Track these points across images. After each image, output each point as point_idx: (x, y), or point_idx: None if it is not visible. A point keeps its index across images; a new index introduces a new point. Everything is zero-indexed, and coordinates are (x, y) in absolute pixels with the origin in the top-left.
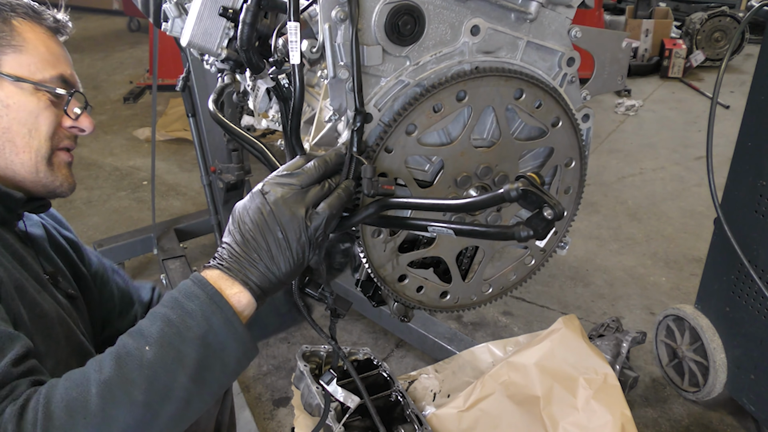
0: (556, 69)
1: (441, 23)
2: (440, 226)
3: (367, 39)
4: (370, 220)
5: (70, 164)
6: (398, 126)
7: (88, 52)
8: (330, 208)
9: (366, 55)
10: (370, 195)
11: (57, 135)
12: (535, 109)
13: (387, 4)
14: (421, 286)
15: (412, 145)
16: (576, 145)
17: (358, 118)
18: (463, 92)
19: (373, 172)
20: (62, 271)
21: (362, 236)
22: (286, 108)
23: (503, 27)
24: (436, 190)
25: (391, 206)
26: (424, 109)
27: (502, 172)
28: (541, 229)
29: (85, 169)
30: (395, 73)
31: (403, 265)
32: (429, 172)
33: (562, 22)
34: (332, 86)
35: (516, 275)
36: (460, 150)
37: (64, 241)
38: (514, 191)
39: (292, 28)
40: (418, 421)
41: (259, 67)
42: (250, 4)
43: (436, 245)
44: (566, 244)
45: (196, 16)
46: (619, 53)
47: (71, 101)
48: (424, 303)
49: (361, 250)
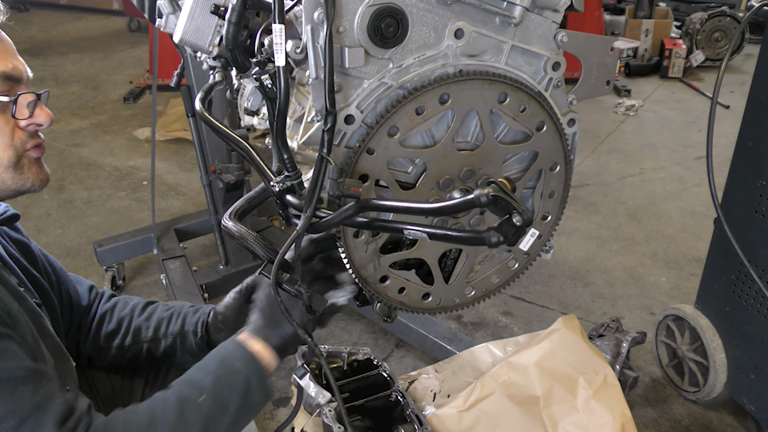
0: (542, 73)
1: (424, 26)
2: (415, 230)
3: (349, 41)
4: (348, 221)
5: (39, 159)
6: (380, 128)
7: (88, 52)
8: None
9: (348, 57)
10: (335, 197)
11: (16, 139)
12: (519, 113)
13: (370, 7)
14: (402, 288)
15: (395, 147)
16: (561, 149)
17: (329, 118)
18: (446, 95)
19: (339, 173)
20: (24, 282)
21: (343, 237)
22: (272, 107)
23: (488, 30)
24: (418, 193)
25: (368, 208)
26: (407, 112)
27: (486, 176)
28: (511, 235)
29: (85, 169)
30: (378, 75)
31: (385, 266)
32: (411, 174)
33: (549, 26)
34: (314, 87)
35: (499, 278)
36: (443, 152)
37: (14, 246)
38: (484, 197)
39: (277, 30)
40: (418, 421)
41: (245, 66)
42: (236, 4)
43: (418, 247)
44: (551, 248)
45: (188, 13)
46: (606, 58)
47: (18, 101)
48: (405, 304)
49: (342, 251)
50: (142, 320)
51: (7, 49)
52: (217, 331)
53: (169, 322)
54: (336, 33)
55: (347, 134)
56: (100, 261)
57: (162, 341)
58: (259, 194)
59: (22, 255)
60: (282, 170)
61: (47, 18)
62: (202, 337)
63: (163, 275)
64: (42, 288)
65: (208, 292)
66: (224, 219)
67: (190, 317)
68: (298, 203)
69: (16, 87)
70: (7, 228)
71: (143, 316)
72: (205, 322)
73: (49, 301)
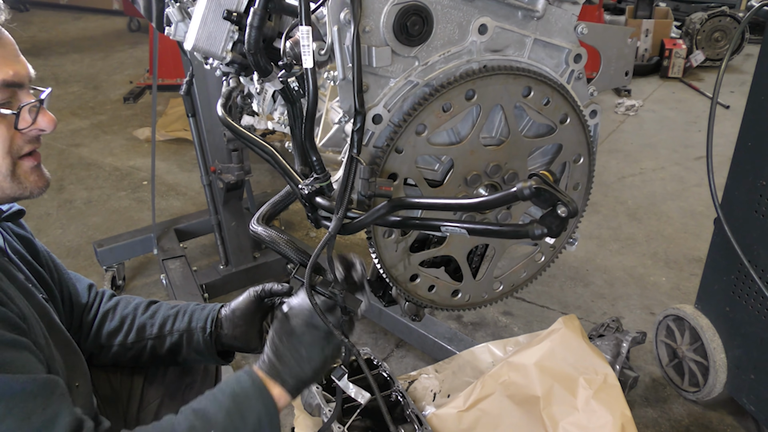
0: (563, 66)
1: (449, 23)
2: (454, 226)
3: (375, 40)
4: (381, 221)
5: (38, 165)
6: (408, 126)
7: (88, 52)
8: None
9: (375, 57)
10: (366, 197)
11: (14, 145)
12: (543, 107)
13: (395, 5)
14: (432, 285)
15: (422, 145)
16: (584, 141)
17: (358, 118)
18: (471, 91)
19: (370, 173)
20: (30, 278)
21: (374, 237)
22: (293, 110)
23: (510, 25)
24: (446, 190)
25: (402, 206)
26: (434, 109)
27: (512, 170)
28: (555, 227)
29: (85, 169)
30: (404, 73)
31: (415, 265)
32: (439, 171)
33: (569, 19)
34: (341, 88)
35: (526, 272)
36: (469, 149)
37: (18, 241)
38: (528, 189)
39: (305, 32)
40: (418, 421)
41: (267, 70)
42: (257, 8)
43: (447, 244)
44: (575, 240)
45: (200, 20)
46: (624, 48)
47: (21, 110)
48: (435, 302)
49: (372, 251)
50: (147, 318)
51: (8, 54)
52: (230, 328)
53: (174, 319)
54: (362, 33)
55: (375, 134)
56: (100, 261)
57: (167, 338)
58: (284, 198)
59: (26, 250)
60: (306, 173)
61: (47, 18)
62: (210, 334)
63: (163, 275)
64: (47, 283)
65: (208, 292)
66: (252, 224)
67: (197, 314)
68: (329, 205)
69: (18, 92)
70: (11, 224)
71: (147, 313)
72: (215, 318)
73: (54, 296)
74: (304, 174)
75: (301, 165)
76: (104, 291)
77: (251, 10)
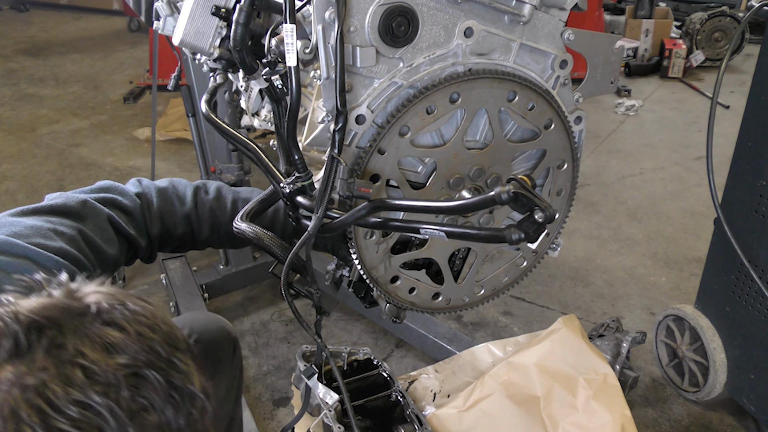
0: (549, 71)
1: (434, 25)
2: (433, 229)
3: (360, 40)
4: (361, 222)
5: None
6: (391, 127)
7: (88, 52)
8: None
9: (359, 57)
10: (345, 197)
11: None
12: (527, 111)
13: (381, 6)
14: (413, 288)
15: (405, 147)
16: (568, 147)
17: (339, 118)
18: (456, 94)
19: (348, 173)
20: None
21: (354, 237)
22: (279, 109)
23: (497, 29)
24: (428, 192)
25: (382, 208)
26: (418, 111)
27: (495, 174)
28: (533, 232)
29: (85, 169)
30: (389, 74)
31: (396, 267)
32: (422, 173)
33: (555, 24)
34: (325, 87)
35: (508, 277)
36: (453, 152)
37: None
38: (505, 194)
39: (288, 30)
40: (418, 421)
41: (253, 67)
42: (243, 4)
43: (428, 246)
44: (558, 245)
45: (188, 15)
46: (611, 56)
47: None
48: (416, 304)
49: (353, 251)
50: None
51: None
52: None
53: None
54: (347, 32)
55: (358, 134)
56: None
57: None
58: (270, 196)
59: None
60: (290, 171)
61: (47, 18)
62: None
63: (163, 275)
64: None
65: (208, 292)
66: (236, 221)
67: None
68: (309, 204)
69: None
70: None
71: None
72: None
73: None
74: (288, 173)
75: (286, 164)
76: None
77: (237, 6)
